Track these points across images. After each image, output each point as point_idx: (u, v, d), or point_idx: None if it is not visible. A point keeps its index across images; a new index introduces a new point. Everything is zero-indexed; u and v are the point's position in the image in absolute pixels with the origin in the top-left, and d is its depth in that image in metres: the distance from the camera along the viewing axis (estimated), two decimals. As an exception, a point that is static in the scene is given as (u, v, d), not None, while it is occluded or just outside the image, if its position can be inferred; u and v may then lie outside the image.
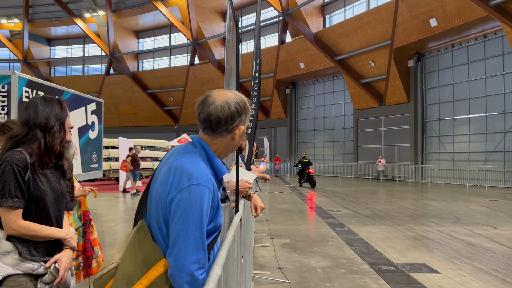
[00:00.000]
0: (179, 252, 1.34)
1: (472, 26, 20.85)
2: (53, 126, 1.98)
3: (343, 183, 23.56)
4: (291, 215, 10.57)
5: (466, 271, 5.42)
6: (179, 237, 1.35)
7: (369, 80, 27.38)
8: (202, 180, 1.40)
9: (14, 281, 1.85)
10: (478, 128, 22.14)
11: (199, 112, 1.55)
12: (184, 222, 1.35)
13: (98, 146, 12.13)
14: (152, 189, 1.54)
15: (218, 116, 1.50)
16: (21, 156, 1.89)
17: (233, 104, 1.52)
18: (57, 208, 2.02)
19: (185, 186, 1.38)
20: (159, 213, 1.43)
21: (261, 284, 4.88)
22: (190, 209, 1.36)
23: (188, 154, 1.50)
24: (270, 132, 35.66)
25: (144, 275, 1.37)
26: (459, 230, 8.38)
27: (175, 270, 1.34)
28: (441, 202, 13.53)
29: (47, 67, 46.66)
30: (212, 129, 1.53)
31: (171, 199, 1.39)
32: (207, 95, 1.57)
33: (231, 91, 1.59)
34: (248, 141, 4.77)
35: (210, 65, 37.05)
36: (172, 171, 1.44)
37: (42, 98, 2.06)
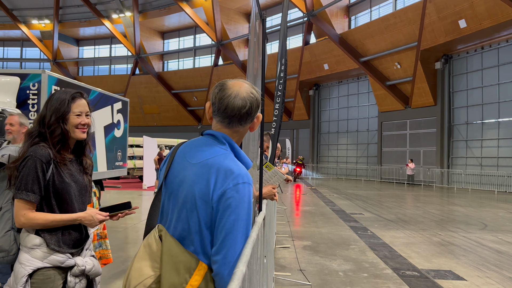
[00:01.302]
0: (229, 250, 1.34)
1: (503, 27, 20.21)
2: (52, 124, 1.98)
3: (366, 186, 23.23)
4: (312, 217, 10.49)
5: (494, 279, 5.24)
6: (229, 236, 1.34)
7: (395, 82, 26.92)
8: (247, 177, 1.42)
9: (43, 274, 1.87)
10: (508, 132, 21.44)
11: (225, 107, 1.48)
12: (234, 221, 1.35)
13: (123, 144, 12.35)
14: (171, 189, 1.49)
15: (249, 107, 1.48)
16: (44, 151, 1.92)
17: (256, 93, 1.52)
18: (81, 201, 2.04)
19: (232, 185, 1.38)
20: (199, 216, 1.39)
21: (282, 285, 4.85)
22: (239, 208, 1.37)
23: (220, 151, 1.46)
24: (292, 134, 35.51)
25: (189, 282, 1.36)
26: (486, 237, 8.12)
27: (223, 268, 1.34)
28: (467, 208, 13.16)
29: (75, 67, 47.87)
30: (240, 122, 1.50)
31: (218, 199, 1.37)
32: (223, 87, 1.52)
33: (241, 80, 1.56)
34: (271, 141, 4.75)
35: (234, 66, 37.21)
36: (212, 171, 1.40)
37: (57, 92, 2.06)
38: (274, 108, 4.49)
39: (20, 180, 1.87)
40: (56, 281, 1.90)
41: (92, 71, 48.00)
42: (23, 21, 44.56)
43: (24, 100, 8.09)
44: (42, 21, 44.25)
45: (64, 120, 1.99)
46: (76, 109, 2.03)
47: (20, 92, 8.07)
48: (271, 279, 3.62)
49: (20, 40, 47.50)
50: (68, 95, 2.03)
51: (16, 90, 8.05)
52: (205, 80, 39.62)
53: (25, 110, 7.99)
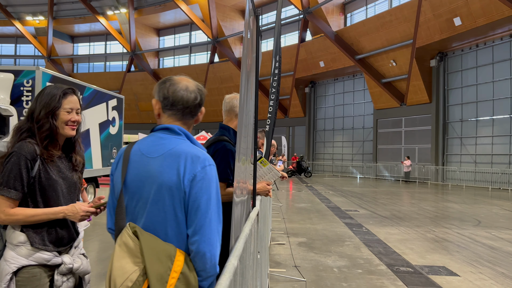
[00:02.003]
0: (206, 229, 1.43)
1: (497, 25, 20.30)
2: (41, 119, 1.94)
3: (362, 183, 23.31)
4: (308, 214, 10.52)
5: (487, 275, 5.29)
6: (205, 215, 1.44)
7: (390, 79, 27.00)
8: (211, 160, 1.52)
9: (28, 272, 1.84)
10: (502, 130, 21.58)
11: (179, 99, 1.57)
12: (207, 201, 1.45)
13: (118, 141, 12.31)
14: (134, 187, 1.52)
15: (200, 100, 1.61)
16: (30, 147, 1.88)
17: (200, 87, 1.64)
18: (69, 198, 2.00)
19: (200, 168, 1.47)
20: (174, 203, 1.46)
21: (277, 281, 4.87)
22: (210, 188, 1.47)
23: (179, 141, 1.55)
24: (288, 131, 35.55)
25: (172, 268, 1.41)
26: (480, 233, 8.19)
27: (203, 246, 1.43)
28: (462, 205, 13.25)
29: (70, 64, 47.61)
30: (192, 114, 1.61)
31: (189, 183, 1.46)
32: (172, 81, 1.60)
33: (185, 76, 1.66)
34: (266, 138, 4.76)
35: (230, 63, 37.16)
36: (180, 159, 1.48)
37: (48, 87, 2.02)
38: (269, 105, 4.50)
39: (2, 176, 1.83)
40: (42, 279, 1.86)
41: (87, 68, 47.76)
42: (17, 17, 44.23)
43: (18, 96, 8.04)
44: (37, 17, 43.95)
45: (53, 116, 1.95)
46: (67, 105, 1.98)
47: (14, 89, 8.03)
48: (265, 275, 3.63)
49: (14, 37, 47.16)
50: (59, 91, 1.99)
51: (10, 87, 8.00)
52: (201, 77, 39.53)
53: (19, 107, 7.95)
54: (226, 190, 2.63)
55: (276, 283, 4.79)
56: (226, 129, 2.86)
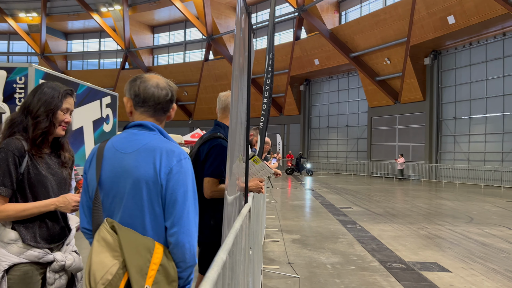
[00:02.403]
0: (184, 220, 1.48)
1: (491, 24, 20.44)
2: (39, 115, 1.93)
3: (356, 181, 23.41)
4: (302, 211, 10.56)
5: (478, 271, 5.35)
6: (183, 207, 1.48)
7: (384, 77, 27.10)
8: (185, 154, 1.55)
9: (20, 270, 1.83)
10: (494, 127, 21.75)
11: (150, 96, 1.61)
12: (184, 193, 1.49)
13: (112, 139, 12.25)
14: (110, 184, 1.53)
15: (171, 96, 1.65)
16: (18, 143, 1.87)
17: (171, 84, 1.69)
18: (59, 194, 1.99)
19: (176, 161, 1.51)
20: (151, 197, 1.49)
21: (271, 278, 4.90)
22: (186, 180, 1.51)
23: (154, 137, 1.57)
24: (283, 129, 35.59)
25: (151, 260, 1.44)
26: (472, 230, 8.27)
27: (182, 237, 1.47)
28: (455, 202, 13.36)
29: (63, 61, 47.31)
30: (163, 110, 1.65)
31: (166, 176, 1.49)
32: (143, 79, 1.64)
33: (152, 74, 1.70)
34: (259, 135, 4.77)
35: (224, 61, 37.10)
36: (155, 153, 1.51)
37: (47, 84, 2.02)
38: (263, 102, 4.51)
39: None
40: (34, 277, 1.85)
41: (81, 65, 47.49)
42: (10, 14, 43.85)
43: (11, 94, 7.99)
44: (30, 14, 43.59)
45: (53, 114, 1.96)
46: (65, 106, 2.01)
47: (6, 86, 7.98)
48: (259, 272, 3.65)
49: (7, 34, 46.76)
50: (61, 90, 2.01)
51: (2, 84, 7.95)
52: (196, 75, 39.46)
53: (12, 104, 7.90)
54: (218, 186, 2.64)
55: (270, 280, 4.82)
56: (221, 126, 2.88)
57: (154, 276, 1.42)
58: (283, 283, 4.72)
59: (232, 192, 1.88)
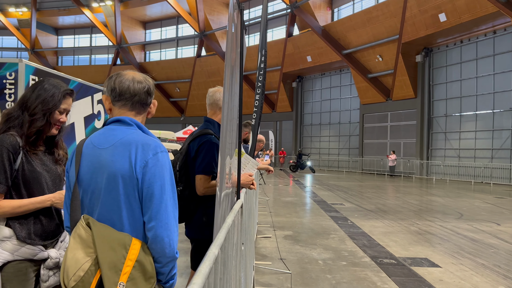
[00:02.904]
0: (162, 214, 1.45)
1: (481, 21, 20.61)
2: (36, 113, 1.91)
3: (348, 177, 23.54)
4: (294, 208, 10.60)
5: (468, 266, 5.42)
6: (160, 200, 1.45)
7: (376, 74, 27.22)
8: (162, 147, 1.53)
9: (14, 267, 1.81)
10: (484, 125, 21.98)
11: (125, 89, 1.59)
12: (161, 187, 1.47)
13: (104, 135, 12.20)
14: (88, 180, 1.52)
15: (148, 88, 1.63)
16: (12, 139, 1.85)
17: (148, 78, 1.67)
18: (54, 190, 1.98)
19: (152, 155, 1.49)
20: (127, 192, 1.47)
21: (263, 274, 4.92)
22: (163, 173, 1.48)
23: (130, 131, 1.55)
24: (275, 126, 35.63)
25: (127, 256, 1.41)
26: (462, 226, 8.37)
27: (160, 231, 1.44)
28: (445, 198, 13.50)
29: (54, 57, 46.83)
30: (141, 103, 1.63)
31: (141, 170, 1.47)
32: (119, 74, 1.64)
33: (130, 70, 1.71)
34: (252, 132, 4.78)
35: (217, 57, 36.99)
36: (130, 147, 1.49)
37: (48, 81, 2.00)
38: (255, 99, 4.51)
39: None
40: (28, 274, 1.84)
41: (72, 61, 47.05)
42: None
43: (1, 89, 7.90)
44: (19, 9, 43.05)
45: (50, 114, 1.94)
46: (63, 106, 1.99)
47: (-4, 82, 7.89)
48: (251, 267, 3.67)
49: (-4, 29, 46.18)
50: (61, 90, 1.98)
51: (-8, 80, 7.86)
52: (188, 71, 39.31)
53: (2, 100, 7.80)
54: (210, 183, 2.65)
55: (262, 276, 4.85)
56: (210, 123, 2.88)
57: (129, 273, 1.40)
58: (275, 278, 4.75)
59: (223, 188, 1.89)
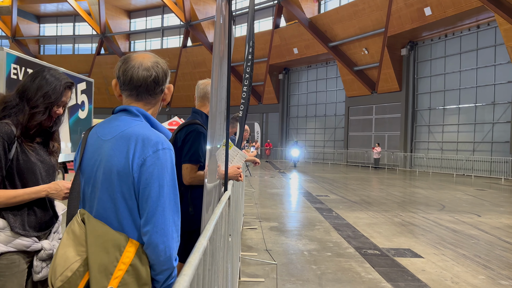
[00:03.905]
0: (158, 218, 1.32)
1: (466, 16, 20.86)
2: (38, 106, 1.86)
3: (333, 169, 23.74)
4: (280, 199, 10.66)
5: (449, 257, 5.54)
6: (157, 204, 1.32)
7: (362, 67, 27.39)
8: (166, 143, 1.39)
9: (7, 258, 1.79)
10: (467, 118, 22.36)
11: (129, 78, 1.45)
12: (159, 188, 1.33)
13: (87, 126, 12.04)
14: (89, 172, 1.43)
15: (155, 76, 1.47)
16: (7, 128, 1.81)
17: (161, 63, 1.51)
18: (48, 181, 1.95)
19: (152, 152, 1.35)
20: (122, 190, 1.35)
21: (249, 265, 4.95)
22: (162, 174, 1.34)
23: (134, 123, 1.42)
24: (261, 118, 35.63)
25: (120, 259, 1.31)
26: (444, 217, 8.54)
27: (156, 237, 1.31)
28: (428, 190, 13.73)
29: (36, 45, 45.81)
30: (149, 93, 1.48)
31: (138, 168, 1.34)
32: (127, 59, 1.49)
33: (147, 52, 1.55)
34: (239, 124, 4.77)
35: (203, 48, 36.69)
36: (130, 141, 1.36)
37: (49, 72, 1.94)
38: (242, 91, 4.50)
39: None
40: (21, 266, 1.82)
41: (54, 49, 46.10)
42: (-22, -6, 42.04)
43: (-19, 78, 7.71)
44: (-1, -5, 41.87)
45: (51, 107, 1.89)
46: (63, 99, 1.94)
47: (-24, 70, 7.69)
48: (237, 258, 3.69)
49: (-25, 15, 44.87)
50: (63, 83, 1.93)
51: (-28, 68, 7.67)
52: (174, 62, 38.90)
53: (-18, 89, 7.62)
54: (197, 173, 2.65)
55: (248, 266, 4.88)
56: (198, 114, 2.88)
57: (121, 277, 1.29)
58: (261, 269, 4.78)
59: (212, 180, 1.88)
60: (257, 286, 4.24)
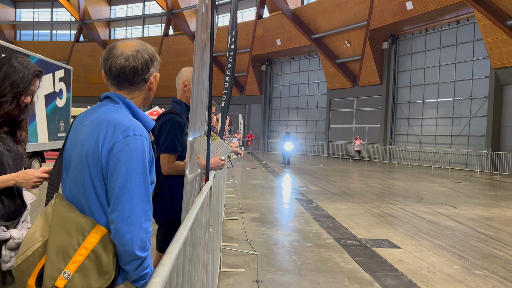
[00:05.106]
0: (125, 206, 1.28)
1: (446, 11, 21.16)
2: (5, 95, 1.80)
3: (314, 161, 23.92)
4: (261, 191, 10.70)
5: (426, 247, 5.67)
6: (123, 190, 1.29)
7: (344, 60, 27.55)
8: (139, 130, 1.36)
9: None
10: (445, 112, 22.81)
11: (109, 67, 1.45)
12: (127, 174, 1.30)
13: (66, 114, 11.79)
14: (68, 156, 1.44)
15: (133, 66, 1.44)
16: None
17: (145, 52, 1.48)
18: (16, 170, 1.91)
19: (121, 137, 1.33)
20: (91, 175, 1.34)
21: (229, 255, 4.96)
22: (131, 160, 1.31)
23: (111, 108, 1.42)
24: (244, 109, 35.55)
25: (82, 244, 1.28)
26: (421, 209, 8.72)
27: (121, 225, 1.27)
28: (406, 182, 13.99)
29: (12, 30, 44.42)
30: (129, 82, 1.46)
31: (107, 154, 1.32)
32: (112, 47, 1.48)
33: (135, 40, 1.52)
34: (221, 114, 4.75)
35: (185, 37, 36.25)
36: (102, 126, 1.35)
37: (17, 59, 1.87)
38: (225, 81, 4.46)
39: None
40: None
41: (31, 35, 44.79)
42: (-50, -24, 40.42)
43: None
44: (-27, -22, 40.36)
45: (19, 96, 1.83)
46: (32, 88, 1.88)
47: None
48: (217, 249, 3.69)
49: None
50: (31, 71, 1.86)
51: None
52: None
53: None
54: (175, 163, 2.63)
55: (228, 257, 4.89)
56: (178, 103, 2.86)
57: (80, 262, 1.26)
58: (241, 260, 4.80)
59: (192, 170, 1.87)
60: (237, 276, 4.25)
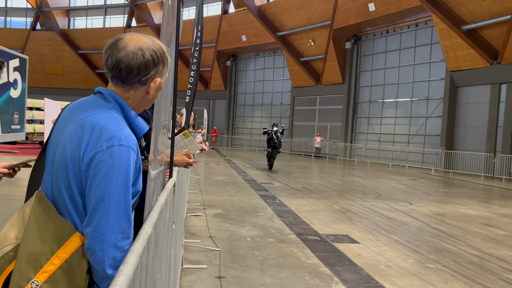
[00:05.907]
0: (100, 222, 1.16)
1: (406, 14, 21.89)
2: None
3: (277, 158, 24.14)
4: (225, 187, 10.69)
5: (383, 242, 5.88)
6: (100, 205, 1.16)
7: (308, 58, 27.92)
8: (126, 140, 1.22)
9: None
10: (403, 112, 23.63)
11: (106, 57, 1.32)
12: (106, 188, 1.17)
13: (20, 106, 11.27)
14: (52, 151, 1.30)
15: (129, 63, 1.29)
16: None
17: (148, 51, 1.31)
18: None
19: (105, 147, 1.19)
20: (69, 180, 1.22)
21: (191, 252, 4.93)
22: (112, 173, 1.18)
23: (101, 109, 1.28)
24: (208, 104, 35.30)
25: (56, 253, 1.17)
26: (379, 205, 9.01)
27: (94, 242, 1.16)
28: (365, 179, 14.40)
29: (-39, 15, 41.85)
30: (122, 79, 1.32)
31: (88, 162, 1.19)
32: (118, 38, 1.34)
33: (147, 37, 1.37)
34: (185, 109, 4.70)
35: (148, 29, 35.47)
36: (86, 130, 1.22)
37: None
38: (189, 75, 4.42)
39: None
40: None
41: (-17, 22, 42.37)
42: None
43: None
44: None
45: None
46: None
47: None
48: (180, 246, 3.66)
49: None
50: None
51: None
52: (117, 42, 37.29)
53: None
54: None
55: (190, 253, 4.86)
56: None
57: (51, 272, 1.14)
58: (204, 256, 4.79)
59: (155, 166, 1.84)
60: (199, 272, 4.24)
